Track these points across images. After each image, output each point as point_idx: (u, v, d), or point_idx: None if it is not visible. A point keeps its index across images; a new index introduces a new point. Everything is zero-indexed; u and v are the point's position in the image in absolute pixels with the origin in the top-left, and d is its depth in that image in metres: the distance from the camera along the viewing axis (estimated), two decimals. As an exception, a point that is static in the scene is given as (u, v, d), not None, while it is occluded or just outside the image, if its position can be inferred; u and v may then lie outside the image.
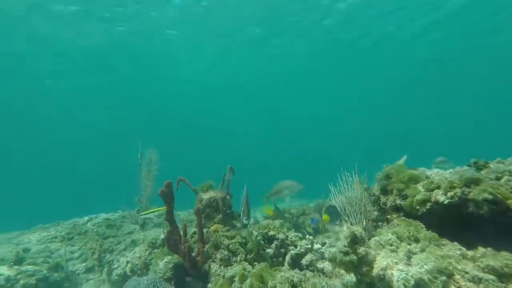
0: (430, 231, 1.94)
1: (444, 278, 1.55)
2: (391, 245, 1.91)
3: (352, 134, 47.37)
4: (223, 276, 2.42)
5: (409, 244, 1.89)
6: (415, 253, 1.81)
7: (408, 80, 22.37)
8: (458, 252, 1.72)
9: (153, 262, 3.08)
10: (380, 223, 2.49)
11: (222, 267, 2.58)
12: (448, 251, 1.74)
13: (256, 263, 2.58)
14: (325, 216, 2.31)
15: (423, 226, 2.02)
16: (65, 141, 30.64)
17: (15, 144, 29.10)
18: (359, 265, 1.63)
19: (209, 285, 2.55)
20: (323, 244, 3.53)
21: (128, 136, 5.92)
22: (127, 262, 3.38)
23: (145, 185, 5.29)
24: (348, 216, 3.04)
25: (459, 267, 1.58)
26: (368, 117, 36.78)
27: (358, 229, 1.71)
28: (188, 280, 2.96)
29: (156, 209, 4.47)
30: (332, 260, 1.70)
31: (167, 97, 21.38)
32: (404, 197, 2.31)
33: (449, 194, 2.00)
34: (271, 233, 3.22)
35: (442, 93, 28.07)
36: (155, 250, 3.29)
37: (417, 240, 1.91)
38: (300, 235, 3.52)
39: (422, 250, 1.81)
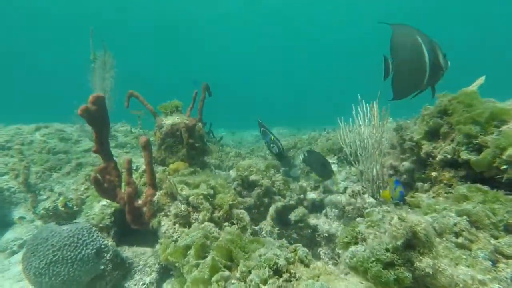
0: (535, 216, 1.08)
1: None
2: (457, 235, 1.06)
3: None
4: (175, 241, 1.63)
5: (495, 237, 1.04)
6: (510, 257, 0.97)
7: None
8: None
9: (88, 202, 2.27)
10: (420, 184, 1.61)
11: (176, 226, 1.78)
12: None
13: (226, 224, 1.79)
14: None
15: (515, 202, 1.15)
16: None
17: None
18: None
19: (157, 246, 1.80)
20: (316, 188, 2.80)
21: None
22: (60, 194, 2.57)
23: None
24: (352, 157, 2.21)
25: None
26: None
27: (421, 221, 0.81)
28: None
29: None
30: (359, 270, 0.85)
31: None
32: (476, 148, 1.38)
33: None
34: (253, 177, 2.40)
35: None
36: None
37: (510, 230, 1.06)
38: (290, 179, 2.74)
39: (522, 252, 0.97)
